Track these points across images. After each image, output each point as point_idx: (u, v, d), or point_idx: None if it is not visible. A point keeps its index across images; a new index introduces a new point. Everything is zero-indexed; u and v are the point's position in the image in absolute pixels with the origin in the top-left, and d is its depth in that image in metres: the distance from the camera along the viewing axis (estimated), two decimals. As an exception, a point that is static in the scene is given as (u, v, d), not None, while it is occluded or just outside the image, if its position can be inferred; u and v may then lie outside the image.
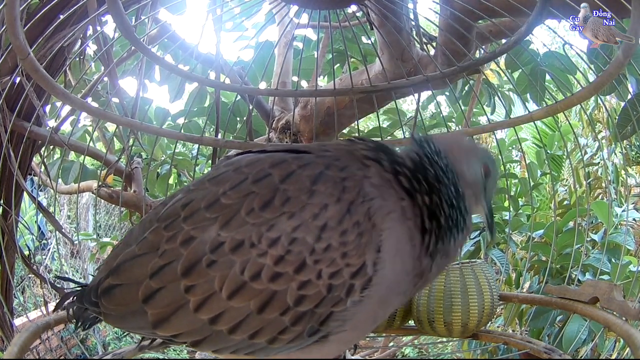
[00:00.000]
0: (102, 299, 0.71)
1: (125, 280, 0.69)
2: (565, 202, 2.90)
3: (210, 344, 0.67)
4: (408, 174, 0.69)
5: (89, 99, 2.01)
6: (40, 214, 1.67)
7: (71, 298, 0.83)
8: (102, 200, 2.50)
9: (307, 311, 0.63)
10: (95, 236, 3.48)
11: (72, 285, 0.86)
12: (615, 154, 3.42)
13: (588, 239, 2.11)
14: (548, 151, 3.10)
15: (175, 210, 0.69)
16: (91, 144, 2.07)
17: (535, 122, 1.31)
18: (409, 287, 0.70)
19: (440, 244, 0.70)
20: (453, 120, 2.71)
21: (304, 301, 0.62)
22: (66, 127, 2.22)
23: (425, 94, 2.23)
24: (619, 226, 2.25)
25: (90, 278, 0.86)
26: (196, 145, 2.16)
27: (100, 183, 1.95)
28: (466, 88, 2.35)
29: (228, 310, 0.63)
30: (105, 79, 1.95)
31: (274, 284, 0.62)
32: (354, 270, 0.62)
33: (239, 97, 1.83)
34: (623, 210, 2.30)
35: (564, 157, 3.58)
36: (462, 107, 2.33)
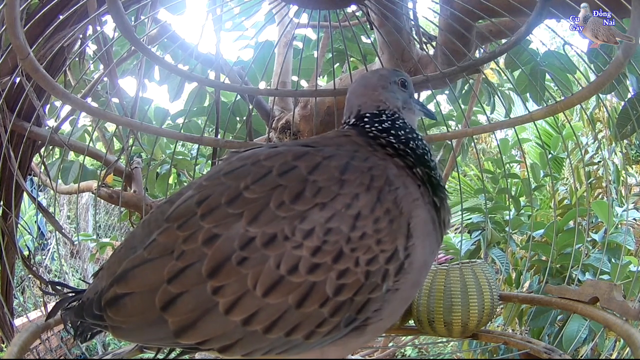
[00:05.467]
0: (109, 310, 0.66)
1: (136, 288, 0.65)
2: (566, 202, 2.90)
3: (242, 348, 0.63)
4: (412, 155, 0.74)
5: (89, 99, 2.01)
6: (40, 214, 1.66)
7: (66, 304, 0.78)
8: (102, 201, 2.50)
9: (346, 300, 0.62)
10: (95, 236, 3.47)
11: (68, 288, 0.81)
12: (615, 153, 3.42)
13: (588, 238, 2.11)
14: (552, 152, 3.10)
15: (188, 208, 0.66)
16: (91, 144, 2.07)
17: (536, 122, 1.31)
18: (432, 263, 0.75)
19: (444, 213, 0.75)
20: (453, 119, 2.71)
21: (344, 290, 0.62)
22: (66, 127, 2.22)
23: (425, 93, 2.23)
24: (620, 226, 2.24)
25: (91, 279, 0.81)
26: (196, 145, 2.16)
27: (100, 183, 1.94)
28: (466, 87, 2.35)
29: (264, 308, 0.61)
30: (105, 79, 1.95)
31: (313, 276, 0.61)
32: (388, 256, 0.64)
33: (238, 97, 1.83)
34: (623, 210, 2.30)
35: (565, 157, 3.58)
36: (462, 106, 2.33)
